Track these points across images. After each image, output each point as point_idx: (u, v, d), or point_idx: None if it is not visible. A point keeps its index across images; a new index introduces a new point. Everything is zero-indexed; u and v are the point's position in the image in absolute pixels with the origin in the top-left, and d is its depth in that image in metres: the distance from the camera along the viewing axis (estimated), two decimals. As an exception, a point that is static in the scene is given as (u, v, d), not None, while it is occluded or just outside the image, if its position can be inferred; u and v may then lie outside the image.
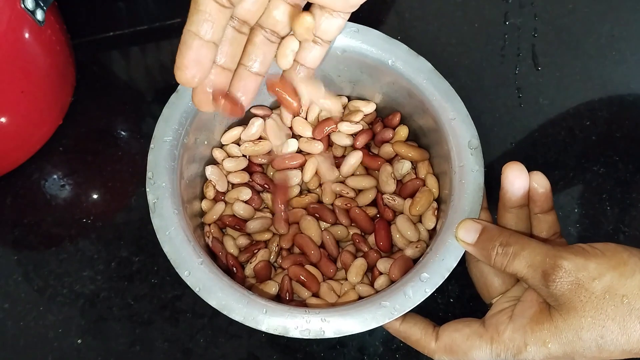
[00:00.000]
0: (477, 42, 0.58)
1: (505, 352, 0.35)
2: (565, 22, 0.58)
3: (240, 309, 0.38)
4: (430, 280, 0.39)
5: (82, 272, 0.50)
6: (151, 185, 0.41)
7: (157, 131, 0.43)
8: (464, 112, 0.43)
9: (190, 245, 0.40)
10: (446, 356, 0.38)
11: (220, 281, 0.39)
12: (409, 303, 0.38)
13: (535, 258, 0.35)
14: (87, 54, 0.59)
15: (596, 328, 0.33)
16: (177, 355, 0.47)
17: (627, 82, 0.56)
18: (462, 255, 0.39)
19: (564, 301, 0.34)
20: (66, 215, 0.53)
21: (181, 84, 0.34)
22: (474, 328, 0.37)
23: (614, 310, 0.33)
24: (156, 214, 0.40)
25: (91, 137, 0.56)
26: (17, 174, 0.54)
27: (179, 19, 0.60)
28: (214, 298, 0.38)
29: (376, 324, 0.38)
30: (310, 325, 0.38)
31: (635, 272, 0.33)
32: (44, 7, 0.47)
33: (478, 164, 0.41)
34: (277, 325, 0.38)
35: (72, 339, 0.48)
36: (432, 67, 0.44)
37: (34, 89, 0.50)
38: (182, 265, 0.39)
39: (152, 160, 0.42)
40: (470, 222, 0.38)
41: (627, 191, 0.52)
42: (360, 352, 0.46)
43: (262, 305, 0.38)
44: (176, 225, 0.40)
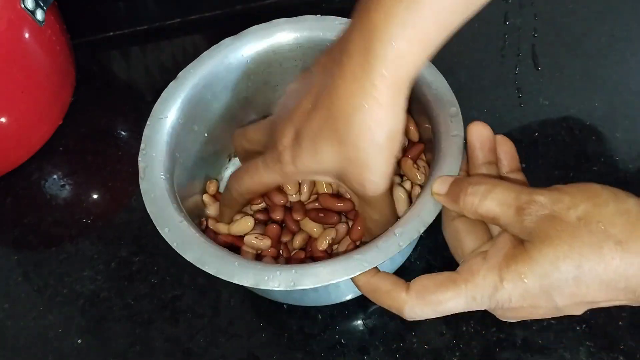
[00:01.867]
0: (477, 42, 0.58)
1: (480, 293, 0.34)
2: (565, 22, 0.58)
3: (213, 262, 0.39)
4: (404, 234, 0.38)
5: (82, 272, 0.50)
6: (143, 155, 0.43)
7: (154, 110, 0.45)
8: (443, 82, 0.44)
9: (174, 206, 0.41)
10: (418, 306, 0.35)
11: (197, 238, 0.40)
12: (381, 255, 0.37)
13: (508, 195, 0.34)
14: (87, 54, 0.59)
15: (573, 256, 0.32)
16: (177, 355, 0.47)
17: (627, 82, 0.56)
18: (439, 211, 0.39)
19: (538, 233, 0.33)
20: (66, 215, 0.53)
21: None
22: (447, 275, 0.35)
23: (589, 237, 0.32)
24: (145, 179, 0.42)
25: (91, 137, 0.56)
26: (17, 174, 0.54)
27: (179, 19, 0.60)
28: (190, 253, 0.39)
29: (347, 276, 0.37)
30: (281, 276, 0.38)
31: (609, 201, 0.33)
32: (44, 7, 0.47)
33: (457, 130, 0.42)
34: (248, 277, 0.38)
35: (72, 339, 0.48)
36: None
37: (34, 89, 0.50)
38: (162, 222, 0.40)
39: (147, 134, 0.44)
40: (444, 176, 0.38)
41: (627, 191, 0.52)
42: (360, 352, 0.46)
43: (235, 259, 0.39)
44: (162, 188, 0.42)
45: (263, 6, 0.63)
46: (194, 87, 0.46)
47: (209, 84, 0.46)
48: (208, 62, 0.46)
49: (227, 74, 0.47)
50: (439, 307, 0.35)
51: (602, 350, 0.44)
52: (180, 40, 0.59)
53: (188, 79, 0.46)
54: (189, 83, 0.46)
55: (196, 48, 0.59)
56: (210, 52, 0.46)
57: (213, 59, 0.46)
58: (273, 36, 0.47)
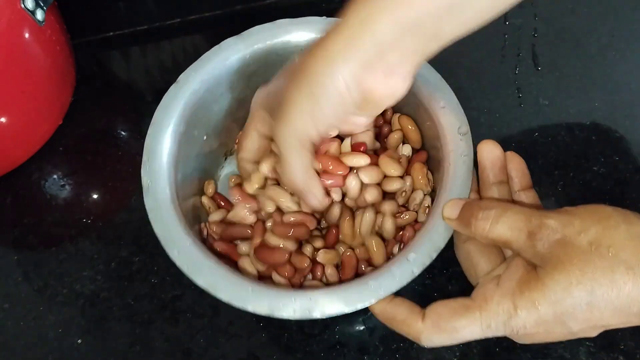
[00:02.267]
0: (477, 42, 0.58)
1: (495, 321, 0.34)
2: (565, 22, 0.58)
3: (226, 287, 0.38)
4: (417, 260, 0.38)
5: (82, 272, 0.50)
6: (146, 168, 0.42)
7: (155, 118, 0.44)
8: (454, 100, 0.43)
9: (181, 226, 0.40)
10: (434, 334, 0.36)
11: (207, 261, 0.39)
12: (395, 284, 0.37)
13: (518, 219, 0.34)
14: (87, 54, 0.59)
15: (585, 282, 0.32)
16: (177, 355, 0.47)
17: (627, 82, 0.56)
18: (450, 235, 0.39)
19: (550, 258, 0.33)
20: (66, 215, 0.53)
21: None
22: (462, 302, 0.36)
23: (601, 262, 0.32)
24: (149, 195, 0.41)
25: (91, 137, 0.56)
26: (17, 174, 0.54)
27: (179, 19, 0.60)
28: (201, 277, 0.38)
29: (362, 305, 0.37)
30: (297, 304, 0.37)
31: (619, 224, 0.33)
32: (44, 7, 0.47)
33: (468, 149, 0.41)
34: (263, 305, 0.37)
35: (72, 339, 0.48)
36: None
37: (34, 89, 0.50)
38: (171, 245, 0.39)
39: (148, 145, 0.43)
40: (455, 200, 0.38)
41: (627, 191, 0.52)
42: (360, 352, 0.46)
43: (248, 284, 0.38)
44: (168, 206, 0.41)
45: (263, 6, 0.63)
46: (196, 92, 0.45)
47: (211, 88, 0.45)
48: (209, 64, 0.45)
49: (229, 76, 0.46)
50: (455, 335, 0.35)
51: (602, 350, 0.44)
52: (180, 40, 0.59)
53: (189, 83, 0.45)
54: (190, 87, 0.45)
55: (196, 48, 0.59)
56: (212, 54, 0.45)
57: (214, 61, 0.45)
58: (277, 37, 0.46)
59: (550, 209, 0.40)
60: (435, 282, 0.48)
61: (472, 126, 0.43)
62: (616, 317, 0.32)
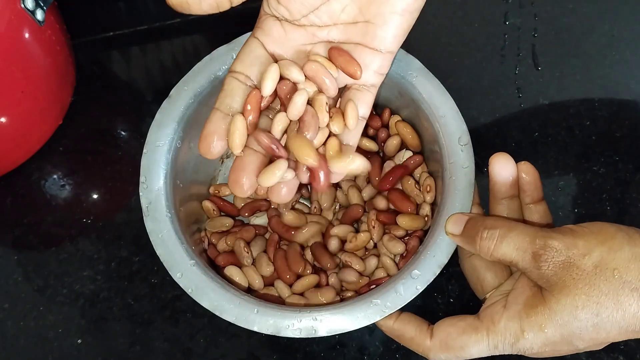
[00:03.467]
0: (477, 42, 0.58)
1: (502, 342, 0.35)
2: (565, 22, 0.58)
3: (232, 309, 0.38)
4: (421, 277, 0.38)
5: (82, 272, 0.50)
6: (144, 189, 0.42)
7: (150, 136, 0.43)
8: (454, 108, 0.43)
9: (183, 247, 0.41)
10: (442, 353, 0.37)
11: (212, 282, 0.39)
12: (400, 300, 0.38)
13: (523, 240, 0.34)
14: (87, 54, 0.59)
15: (591, 305, 0.33)
16: (177, 355, 0.47)
17: (627, 82, 0.56)
18: (453, 250, 0.39)
19: (556, 281, 0.33)
20: (66, 215, 0.53)
21: (202, 154, 0.36)
22: (469, 321, 0.36)
23: (606, 285, 0.32)
24: (149, 217, 0.41)
25: (91, 137, 0.56)
26: (17, 174, 0.54)
27: (179, 19, 0.59)
28: (206, 299, 0.39)
29: (368, 322, 0.38)
30: (302, 324, 0.38)
31: (623, 245, 0.33)
32: (44, 7, 0.47)
33: (469, 161, 0.41)
34: (269, 325, 0.38)
35: (72, 339, 0.48)
36: (421, 65, 0.44)
37: (34, 89, 0.50)
38: (174, 267, 0.40)
39: (145, 165, 0.43)
40: (458, 215, 0.38)
41: (627, 191, 0.52)
42: (360, 352, 0.46)
43: (253, 305, 0.39)
44: (169, 228, 0.41)
45: (263, 6, 0.63)
46: (189, 106, 0.44)
47: (204, 100, 0.44)
48: (200, 75, 0.44)
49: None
50: (462, 354, 0.36)
51: (602, 350, 0.44)
52: (180, 40, 0.59)
53: (181, 97, 0.44)
54: (183, 102, 0.44)
55: (196, 48, 0.59)
56: (203, 65, 0.44)
57: (206, 72, 0.44)
58: None
59: (552, 209, 0.40)
60: (435, 282, 0.47)
61: (472, 126, 0.43)
62: (622, 335, 0.33)
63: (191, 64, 0.45)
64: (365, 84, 0.38)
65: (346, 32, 0.37)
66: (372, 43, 0.37)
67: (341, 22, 0.37)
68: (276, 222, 0.46)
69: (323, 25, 0.37)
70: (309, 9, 0.36)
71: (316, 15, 0.37)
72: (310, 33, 0.37)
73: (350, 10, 0.36)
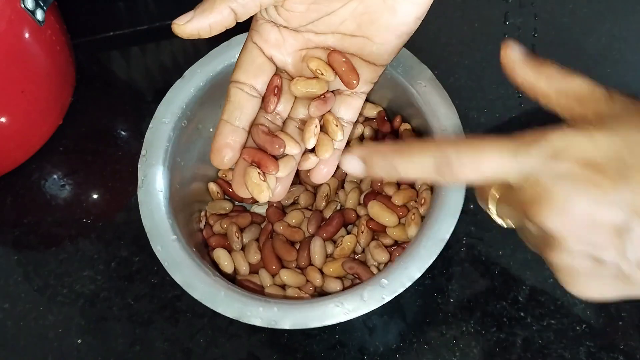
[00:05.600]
0: (477, 42, 0.58)
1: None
2: (565, 22, 0.58)
3: (201, 288, 0.39)
4: (389, 287, 0.38)
5: (82, 272, 0.50)
6: (143, 162, 0.43)
7: (158, 112, 0.44)
8: (457, 123, 0.43)
9: (169, 222, 0.42)
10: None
11: (188, 259, 0.40)
12: (363, 307, 0.38)
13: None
14: (87, 54, 0.59)
15: None
16: (177, 355, 0.47)
17: (627, 82, 0.56)
18: (427, 266, 0.38)
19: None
20: (66, 215, 0.53)
21: (215, 166, 0.38)
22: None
23: None
24: (142, 189, 0.42)
25: (91, 137, 0.56)
26: (17, 174, 0.54)
27: (179, 19, 0.60)
28: (179, 274, 0.40)
29: (329, 322, 0.38)
30: (264, 313, 0.38)
31: None
32: (44, 7, 0.47)
33: None
34: (233, 309, 0.39)
35: (72, 339, 0.48)
36: (432, 75, 0.44)
37: (34, 89, 0.50)
38: (156, 239, 0.41)
39: (148, 139, 0.44)
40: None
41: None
42: (360, 352, 0.46)
43: (221, 287, 0.39)
44: (159, 202, 0.42)
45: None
46: (201, 88, 0.45)
47: (217, 84, 0.45)
48: (217, 60, 0.45)
49: None
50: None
51: (602, 350, 0.44)
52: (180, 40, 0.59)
53: (195, 78, 0.45)
54: (196, 83, 0.45)
55: (196, 48, 0.59)
56: (220, 50, 0.45)
57: (222, 57, 0.45)
58: None
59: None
60: (435, 282, 0.48)
61: (472, 126, 0.43)
62: None
63: (191, 64, 0.46)
64: (356, 91, 0.39)
65: (343, 42, 0.38)
66: (368, 57, 0.38)
67: (339, 33, 0.38)
68: (273, 211, 0.47)
69: (321, 32, 0.38)
70: (309, 21, 0.37)
71: (314, 25, 0.37)
72: (307, 38, 0.38)
73: (349, 24, 0.37)
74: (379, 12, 0.36)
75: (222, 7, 0.34)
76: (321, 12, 0.36)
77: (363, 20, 0.37)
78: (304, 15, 0.36)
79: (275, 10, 0.36)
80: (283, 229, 0.46)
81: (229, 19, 0.34)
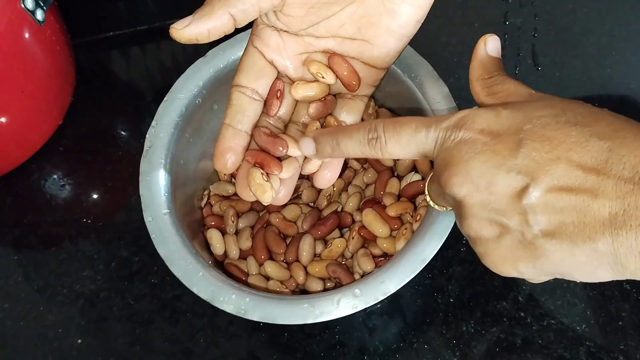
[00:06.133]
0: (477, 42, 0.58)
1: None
2: (565, 22, 0.58)
3: (181, 265, 0.40)
4: (362, 297, 0.38)
5: (82, 272, 0.50)
6: (151, 133, 0.43)
7: (175, 86, 0.45)
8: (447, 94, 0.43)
9: (165, 196, 0.42)
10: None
11: (175, 235, 0.41)
12: (333, 312, 0.38)
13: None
14: (87, 54, 0.59)
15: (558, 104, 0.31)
16: (177, 355, 0.47)
17: (627, 82, 0.56)
18: (403, 284, 0.38)
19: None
20: (66, 215, 0.53)
21: (218, 170, 0.38)
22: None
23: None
24: (146, 159, 0.43)
25: (91, 137, 0.56)
26: (17, 174, 0.54)
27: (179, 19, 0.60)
28: (163, 247, 0.40)
29: (296, 321, 0.38)
30: (234, 301, 0.38)
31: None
32: (44, 7, 0.47)
33: None
34: (207, 291, 0.39)
35: (72, 339, 0.48)
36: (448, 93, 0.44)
37: (34, 89, 0.50)
38: (149, 209, 0.41)
39: (160, 111, 0.44)
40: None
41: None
42: (360, 352, 0.46)
43: (201, 268, 0.40)
44: (158, 173, 0.42)
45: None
46: (221, 69, 0.45)
47: None
48: (241, 44, 0.45)
49: None
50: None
51: (602, 350, 0.44)
52: (180, 40, 0.59)
53: (217, 58, 0.45)
54: (216, 63, 0.45)
55: (196, 48, 0.59)
56: (245, 35, 0.45)
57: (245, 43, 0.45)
58: None
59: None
60: (435, 282, 0.48)
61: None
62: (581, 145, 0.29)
63: (191, 64, 0.46)
64: (357, 94, 0.39)
65: (343, 46, 0.38)
66: (368, 60, 0.38)
67: (339, 36, 0.38)
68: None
69: (321, 36, 0.38)
70: (308, 25, 0.37)
71: (314, 29, 0.37)
72: (308, 42, 0.38)
73: (349, 27, 0.37)
74: (378, 15, 0.36)
75: (222, 13, 0.34)
76: (320, 16, 0.36)
77: (362, 23, 0.37)
78: (304, 19, 0.36)
79: (275, 15, 0.36)
80: (278, 221, 0.46)
81: (227, 25, 0.35)
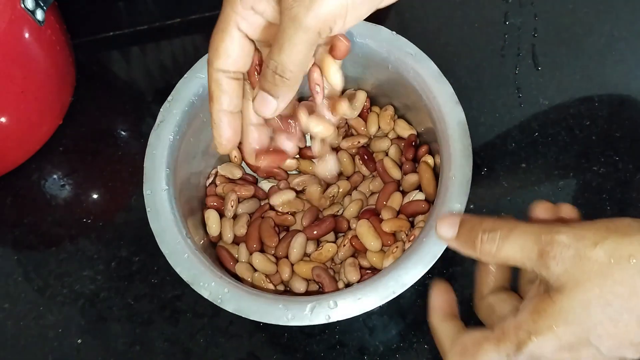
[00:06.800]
0: (477, 42, 0.58)
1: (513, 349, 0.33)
2: (565, 22, 0.58)
3: (170, 244, 0.40)
4: (337, 310, 0.38)
5: (82, 272, 0.50)
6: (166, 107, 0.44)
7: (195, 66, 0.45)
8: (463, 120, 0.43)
9: (166, 172, 0.42)
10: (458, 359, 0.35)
11: (170, 212, 0.41)
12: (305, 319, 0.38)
13: (528, 238, 0.32)
14: (87, 54, 0.59)
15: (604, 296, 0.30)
16: (177, 355, 0.47)
17: (627, 82, 0.56)
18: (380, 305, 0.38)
19: (567, 279, 0.31)
20: (66, 215, 0.53)
21: (220, 152, 0.38)
22: (485, 332, 0.35)
23: (620, 273, 0.30)
24: (155, 132, 0.43)
25: (91, 137, 0.56)
26: (17, 174, 0.54)
27: (178, 19, 0.59)
28: (156, 222, 0.41)
29: (269, 321, 0.38)
30: (213, 288, 0.39)
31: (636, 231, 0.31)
32: (44, 7, 0.47)
33: (468, 166, 0.41)
34: (188, 274, 0.39)
35: (72, 339, 0.48)
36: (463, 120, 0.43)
37: (34, 89, 0.50)
38: (149, 182, 0.42)
39: (178, 88, 0.44)
40: (449, 216, 0.36)
41: (627, 191, 0.52)
42: (360, 352, 0.46)
43: (188, 250, 0.40)
44: (164, 148, 0.43)
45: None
46: None
47: None
48: None
49: None
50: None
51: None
52: (180, 40, 0.59)
53: None
54: None
55: (196, 48, 0.59)
56: None
57: None
58: None
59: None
60: (435, 282, 0.48)
61: (472, 126, 0.43)
62: None
63: (191, 64, 0.46)
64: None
65: None
66: None
67: None
68: (275, 191, 0.48)
69: None
70: None
71: None
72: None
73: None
74: None
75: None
76: None
77: None
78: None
79: None
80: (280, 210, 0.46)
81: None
